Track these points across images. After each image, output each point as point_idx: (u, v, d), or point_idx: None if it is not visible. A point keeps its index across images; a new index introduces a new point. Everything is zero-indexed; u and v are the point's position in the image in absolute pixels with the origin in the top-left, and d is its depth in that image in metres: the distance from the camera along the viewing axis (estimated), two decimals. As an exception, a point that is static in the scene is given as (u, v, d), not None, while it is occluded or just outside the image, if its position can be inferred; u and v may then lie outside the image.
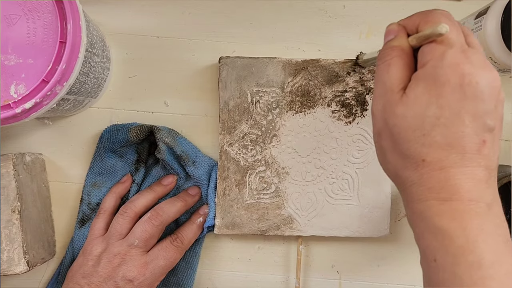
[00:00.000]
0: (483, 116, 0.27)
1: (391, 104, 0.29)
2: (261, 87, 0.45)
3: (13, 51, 0.36)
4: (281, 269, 0.48)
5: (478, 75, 0.27)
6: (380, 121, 0.30)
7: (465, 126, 0.27)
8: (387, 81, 0.30)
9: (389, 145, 0.30)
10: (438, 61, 0.28)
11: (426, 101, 0.28)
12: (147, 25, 0.47)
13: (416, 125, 0.28)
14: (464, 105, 0.27)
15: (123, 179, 0.46)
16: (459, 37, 0.29)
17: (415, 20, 0.31)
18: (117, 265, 0.40)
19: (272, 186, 0.45)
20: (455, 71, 0.27)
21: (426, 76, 0.28)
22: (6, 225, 0.41)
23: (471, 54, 0.28)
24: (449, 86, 0.27)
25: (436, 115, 0.27)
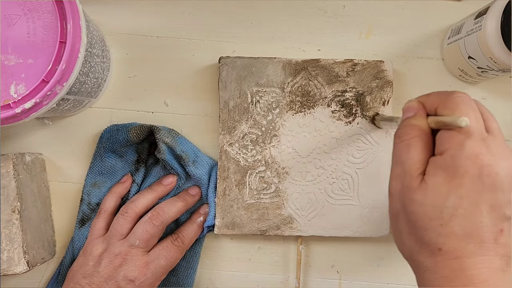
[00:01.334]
0: (501, 206, 0.27)
1: (409, 189, 0.29)
2: (261, 87, 0.45)
3: (13, 51, 0.36)
4: (281, 269, 0.48)
5: (497, 166, 0.27)
6: (398, 204, 0.30)
7: (483, 216, 0.27)
8: (405, 163, 0.30)
9: (405, 229, 0.30)
10: (457, 150, 0.28)
11: (446, 191, 0.28)
12: (147, 25, 0.47)
13: (434, 215, 0.28)
14: (483, 195, 0.27)
15: (123, 179, 0.46)
16: (479, 124, 0.29)
17: (434, 100, 0.31)
18: (118, 265, 0.40)
19: (272, 186, 0.45)
20: (474, 163, 0.27)
21: (446, 166, 0.28)
22: (6, 225, 0.41)
23: (490, 142, 0.28)
24: (468, 177, 0.27)
25: (455, 206, 0.27)
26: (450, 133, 0.29)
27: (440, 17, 0.47)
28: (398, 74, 0.47)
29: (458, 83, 0.48)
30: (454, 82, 0.48)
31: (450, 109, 0.29)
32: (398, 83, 0.47)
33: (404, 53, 0.48)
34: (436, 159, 0.29)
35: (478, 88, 0.48)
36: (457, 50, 0.44)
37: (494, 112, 0.47)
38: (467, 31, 0.42)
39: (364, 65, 0.45)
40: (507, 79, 0.47)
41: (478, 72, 0.43)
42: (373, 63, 0.45)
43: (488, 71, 0.42)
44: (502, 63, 0.39)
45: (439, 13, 0.48)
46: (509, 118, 0.48)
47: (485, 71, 0.42)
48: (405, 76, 0.48)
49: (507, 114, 0.48)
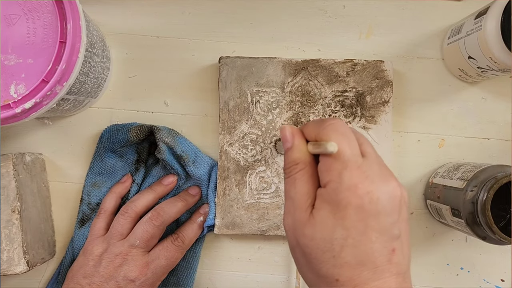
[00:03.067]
0: (388, 229, 0.28)
1: (300, 223, 0.30)
2: (261, 87, 0.45)
3: (13, 51, 0.36)
4: (281, 269, 0.48)
5: (377, 191, 0.28)
6: (292, 238, 0.31)
7: (373, 242, 0.28)
8: (294, 198, 0.31)
9: (303, 262, 0.30)
10: (337, 183, 0.28)
11: (332, 224, 0.28)
12: (147, 25, 0.47)
13: (325, 247, 0.28)
14: (369, 223, 0.28)
15: (123, 179, 0.46)
16: (353, 151, 0.29)
17: (311, 130, 0.31)
18: (119, 265, 0.40)
19: (272, 186, 0.45)
20: (354, 193, 0.28)
21: (329, 199, 0.29)
22: (6, 225, 0.41)
23: (366, 168, 0.29)
24: (351, 208, 0.28)
25: (343, 237, 0.28)
26: (328, 165, 0.29)
27: (440, 17, 0.47)
28: (398, 74, 0.48)
29: (458, 83, 0.48)
30: (454, 82, 0.48)
31: (323, 138, 0.30)
32: (398, 83, 0.47)
33: (404, 53, 0.48)
34: (321, 191, 0.30)
35: (478, 88, 0.48)
36: (457, 50, 0.44)
37: (494, 112, 0.48)
38: (467, 31, 0.42)
39: (364, 65, 0.45)
40: (507, 79, 0.47)
41: (478, 72, 0.43)
42: (373, 63, 0.45)
43: (488, 71, 0.42)
44: (502, 63, 0.39)
45: (439, 13, 0.48)
46: (509, 118, 0.48)
47: (485, 71, 0.42)
48: (405, 76, 0.48)
49: (507, 114, 0.48)
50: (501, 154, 0.48)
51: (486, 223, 0.38)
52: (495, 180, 0.38)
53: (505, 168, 0.40)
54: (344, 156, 0.29)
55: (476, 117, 0.48)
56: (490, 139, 0.48)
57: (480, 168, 0.41)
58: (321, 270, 0.29)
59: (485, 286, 0.48)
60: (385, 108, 0.45)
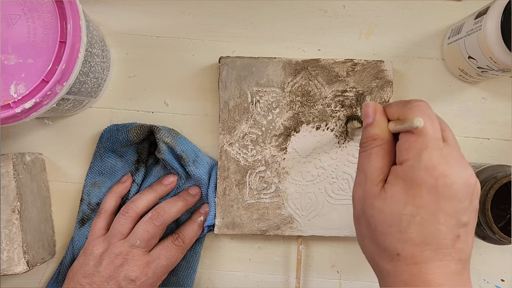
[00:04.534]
0: (458, 214, 0.29)
1: (370, 195, 0.30)
2: (261, 87, 0.45)
3: (13, 51, 0.36)
4: (281, 269, 0.48)
5: (454, 176, 0.28)
6: (359, 209, 0.32)
7: (440, 224, 0.28)
8: (367, 171, 0.31)
9: (366, 233, 0.31)
10: (415, 161, 0.29)
11: (403, 200, 0.29)
12: (147, 25, 0.47)
13: (392, 221, 0.29)
14: (440, 205, 0.28)
15: (123, 179, 0.46)
16: (435, 132, 0.29)
17: (395, 110, 0.32)
18: (119, 265, 0.40)
19: (272, 186, 0.45)
20: (431, 174, 0.28)
21: (404, 176, 0.29)
22: (6, 225, 0.41)
23: (446, 152, 0.29)
24: (425, 187, 0.28)
25: (412, 214, 0.28)
26: (409, 141, 0.29)
27: (440, 17, 0.47)
28: (398, 74, 0.48)
29: (458, 83, 0.48)
30: (454, 82, 0.48)
31: (408, 117, 0.30)
32: (398, 83, 0.47)
33: (404, 53, 0.48)
34: (396, 168, 0.30)
35: (478, 88, 0.48)
36: (457, 50, 0.44)
37: (494, 112, 0.48)
38: (467, 31, 0.42)
39: (364, 65, 0.45)
40: (507, 79, 0.47)
41: (478, 72, 0.43)
42: (373, 63, 0.45)
43: (488, 71, 0.42)
44: (502, 63, 0.39)
45: (439, 13, 0.48)
46: (509, 118, 0.48)
47: (485, 71, 0.42)
48: (405, 76, 0.48)
49: (507, 114, 0.48)
50: (501, 154, 0.48)
51: (486, 223, 0.38)
52: (495, 180, 0.38)
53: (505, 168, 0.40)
54: (426, 136, 0.29)
55: (476, 117, 0.48)
56: (490, 139, 0.48)
57: (480, 168, 0.41)
58: (384, 242, 0.29)
59: (485, 286, 0.48)
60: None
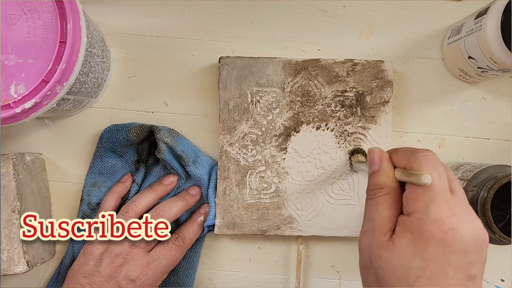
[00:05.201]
0: (467, 267, 0.28)
1: (378, 245, 0.30)
2: (261, 87, 0.45)
3: (13, 51, 0.36)
4: (281, 269, 0.48)
5: (462, 229, 0.28)
6: (366, 258, 0.31)
7: (449, 278, 0.28)
8: (375, 220, 0.31)
9: (373, 282, 0.31)
10: (423, 214, 0.28)
11: (412, 253, 0.28)
12: (147, 25, 0.47)
13: (401, 274, 0.29)
14: (449, 258, 0.28)
15: (123, 179, 0.46)
16: (443, 185, 0.29)
17: (401, 157, 0.31)
18: (119, 265, 0.40)
19: (272, 186, 0.45)
20: (439, 227, 0.28)
21: (412, 228, 0.29)
22: (6, 225, 0.41)
23: (454, 204, 0.29)
24: (434, 241, 0.28)
25: (421, 267, 0.28)
26: (415, 194, 0.29)
27: (440, 17, 0.47)
28: (398, 74, 0.48)
29: (458, 83, 0.48)
30: (454, 82, 0.48)
31: (415, 167, 0.30)
32: (398, 83, 0.47)
33: (404, 53, 0.48)
34: (404, 220, 0.30)
35: (478, 88, 0.48)
36: (457, 50, 0.44)
37: (494, 112, 0.48)
38: (467, 31, 0.42)
39: (364, 65, 0.45)
40: (507, 79, 0.47)
41: (478, 72, 0.43)
42: (373, 63, 0.45)
43: (488, 71, 0.42)
44: (502, 63, 0.39)
45: (439, 13, 0.48)
46: (509, 118, 0.48)
47: (485, 71, 0.42)
48: (405, 76, 0.48)
49: (507, 114, 0.48)
50: (501, 154, 0.48)
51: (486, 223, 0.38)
52: (495, 180, 0.38)
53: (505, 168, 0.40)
54: (434, 188, 0.29)
55: (476, 117, 0.48)
56: (490, 139, 0.48)
57: (480, 168, 0.41)
58: None
59: (485, 286, 0.48)
60: (385, 108, 0.45)
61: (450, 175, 0.31)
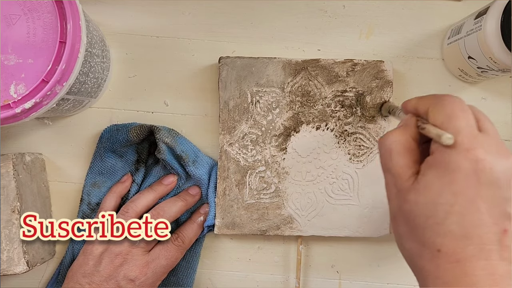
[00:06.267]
0: (501, 203, 0.26)
1: (402, 190, 0.28)
2: (261, 87, 0.45)
3: (13, 51, 0.36)
4: (281, 269, 0.48)
5: (492, 161, 0.26)
6: (394, 207, 0.29)
7: (482, 213, 0.25)
8: (392, 169, 0.29)
9: (404, 231, 0.29)
10: (448, 148, 0.27)
11: (438, 188, 0.26)
12: (147, 25, 0.47)
13: (429, 212, 0.27)
14: (479, 191, 0.25)
15: (123, 179, 0.46)
16: (469, 124, 0.27)
17: (426, 102, 0.30)
18: (119, 264, 0.40)
19: (272, 186, 0.45)
20: (466, 157, 0.26)
21: (436, 163, 0.27)
22: (6, 225, 0.41)
23: (483, 139, 0.27)
24: (461, 172, 0.26)
25: (450, 203, 0.26)
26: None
27: (440, 17, 0.47)
28: (398, 74, 0.47)
29: (458, 83, 0.48)
30: (454, 82, 0.48)
31: (438, 111, 0.28)
32: (398, 83, 0.47)
33: (404, 53, 0.48)
34: (428, 158, 0.28)
35: (478, 88, 0.48)
36: (457, 50, 0.44)
37: (494, 112, 0.48)
38: (467, 31, 0.42)
39: (364, 65, 0.45)
40: (507, 79, 0.47)
41: (478, 72, 0.43)
42: (373, 63, 0.45)
43: (488, 71, 0.42)
44: (502, 63, 0.39)
45: (439, 13, 0.48)
46: (509, 118, 0.48)
47: (485, 71, 0.42)
48: (405, 76, 0.48)
49: (507, 114, 0.48)
50: (501, 154, 0.48)
51: (486, 223, 0.38)
52: (495, 180, 0.38)
53: None
54: (457, 125, 0.27)
55: (476, 117, 0.48)
56: (490, 139, 0.48)
57: (480, 168, 0.41)
58: (424, 237, 0.27)
59: (485, 286, 0.48)
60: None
61: (480, 115, 0.28)
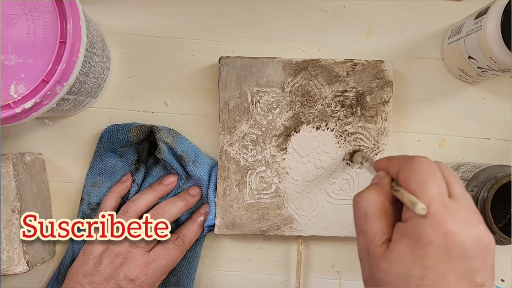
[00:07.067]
0: (470, 274, 0.27)
1: (375, 257, 0.29)
2: (261, 87, 0.45)
3: (13, 51, 0.36)
4: (281, 269, 0.48)
5: (462, 233, 0.26)
6: (366, 271, 0.30)
7: (452, 285, 0.26)
8: (367, 233, 0.30)
9: None
10: (420, 219, 0.27)
11: (410, 260, 0.27)
12: (147, 25, 0.47)
13: (400, 283, 0.27)
14: (450, 264, 0.26)
15: (123, 179, 0.46)
16: (440, 191, 0.28)
17: (396, 165, 0.30)
18: (119, 264, 0.40)
19: (272, 186, 0.45)
20: (438, 230, 0.27)
21: (410, 234, 0.28)
22: (6, 225, 0.41)
23: (453, 208, 0.27)
24: (433, 246, 0.27)
25: (421, 275, 0.27)
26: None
27: (440, 17, 0.47)
28: (398, 74, 0.48)
29: (458, 83, 0.48)
30: (454, 82, 0.48)
31: (409, 176, 0.29)
32: (398, 83, 0.47)
33: (404, 53, 0.48)
34: (400, 225, 0.29)
35: (478, 88, 0.48)
36: (457, 50, 0.44)
37: (494, 112, 0.48)
38: (467, 31, 0.42)
39: (364, 65, 0.45)
40: (507, 79, 0.47)
41: (478, 72, 0.43)
42: (373, 63, 0.45)
43: (488, 71, 0.42)
44: (502, 63, 0.39)
45: (439, 13, 0.48)
46: (509, 118, 0.48)
47: (485, 71, 0.42)
48: (405, 76, 0.48)
49: (507, 114, 0.48)
50: (501, 154, 0.48)
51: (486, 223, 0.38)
52: (495, 180, 0.38)
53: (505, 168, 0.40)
54: (429, 194, 0.28)
55: (476, 117, 0.48)
56: (490, 139, 0.48)
57: (480, 168, 0.41)
58: None
59: (485, 286, 0.48)
60: (385, 108, 0.45)
61: (451, 179, 0.29)
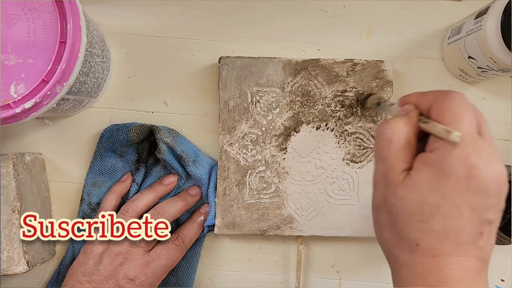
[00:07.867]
0: (484, 210, 0.27)
1: (392, 183, 0.29)
2: (261, 87, 0.45)
3: (13, 51, 0.36)
4: (281, 269, 0.48)
5: (485, 168, 0.27)
6: (380, 196, 0.30)
7: (465, 218, 0.27)
8: (387, 160, 0.30)
9: (386, 222, 0.30)
10: (447, 150, 0.27)
11: (429, 188, 0.28)
12: (147, 25, 0.47)
13: (415, 210, 0.28)
14: (467, 198, 0.27)
15: (123, 178, 0.46)
16: (472, 127, 0.28)
17: (429, 99, 0.30)
18: (119, 264, 0.40)
19: (272, 186, 0.45)
20: (462, 164, 0.27)
21: (433, 163, 0.28)
22: (6, 225, 0.41)
23: (481, 145, 0.28)
24: (455, 177, 0.27)
25: (437, 204, 0.27)
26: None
27: (440, 17, 0.47)
28: (398, 74, 0.48)
29: (458, 83, 0.48)
30: (454, 82, 0.48)
31: (444, 108, 0.29)
32: (398, 83, 0.47)
33: (404, 53, 0.48)
34: (424, 155, 0.29)
35: (478, 88, 0.48)
36: (457, 50, 0.44)
37: (494, 112, 0.48)
38: (467, 31, 0.42)
39: (364, 65, 0.45)
40: (507, 79, 0.47)
41: (478, 72, 0.43)
42: (373, 63, 0.45)
43: (488, 71, 0.42)
44: (502, 63, 0.39)
45: (439, 13, 0.48)
46: (509, 118, 0.48)
47: (485, 71, 0.42)
48: (405, 76, 0.48)
49: (507, 114, 0.48)
50: (501, 154, 0.47)
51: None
52: (495, 180, 0.38)
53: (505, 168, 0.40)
54: (463, 129, 0.27)
55: (476, 117, 0.48)
56: (490, 139, 0.48)
57: (480, 168, 0.41)
58: (404, 231, 0.28)
59: (485, 286, 0.48)
60: (385, 108, 0.45)
61: (481, 119, 0.29)
